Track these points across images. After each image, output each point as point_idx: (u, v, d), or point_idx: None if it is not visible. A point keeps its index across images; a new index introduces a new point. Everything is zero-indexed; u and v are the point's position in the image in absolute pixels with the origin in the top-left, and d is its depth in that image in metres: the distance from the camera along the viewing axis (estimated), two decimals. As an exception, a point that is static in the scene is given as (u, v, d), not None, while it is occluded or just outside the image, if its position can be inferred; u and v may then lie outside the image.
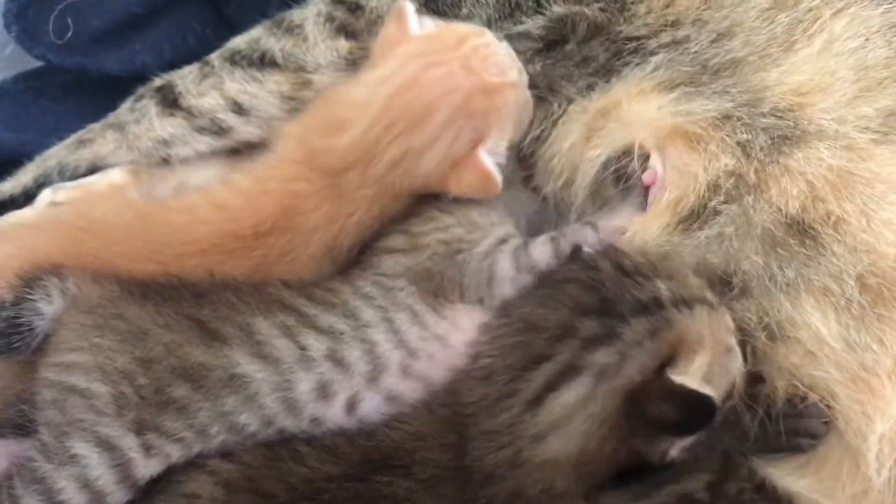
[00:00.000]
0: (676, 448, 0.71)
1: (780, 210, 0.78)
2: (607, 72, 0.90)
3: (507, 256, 0.80)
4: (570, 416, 0.67)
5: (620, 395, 0.66)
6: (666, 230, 0.82)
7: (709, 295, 0.71)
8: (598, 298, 0.69)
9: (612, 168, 0.88)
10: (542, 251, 0.80)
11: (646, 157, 0.85)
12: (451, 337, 0.79)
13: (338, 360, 0.75)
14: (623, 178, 0.87)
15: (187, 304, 0.76)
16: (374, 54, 0.90)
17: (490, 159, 0.84)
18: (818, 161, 0.78)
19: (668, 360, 0.66)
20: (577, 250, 0.77)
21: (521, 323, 0.71)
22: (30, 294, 0.77)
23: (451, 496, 0.69)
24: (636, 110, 0.86)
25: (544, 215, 0.94)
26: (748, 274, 0.77)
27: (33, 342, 0.77)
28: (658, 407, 0.66)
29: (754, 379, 0.75)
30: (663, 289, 0.69)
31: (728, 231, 0.79)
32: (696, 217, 0.81)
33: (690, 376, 0.66)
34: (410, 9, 0.88)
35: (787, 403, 0.74)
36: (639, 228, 0.82)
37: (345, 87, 0.89)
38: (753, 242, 0.78)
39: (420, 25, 0.88)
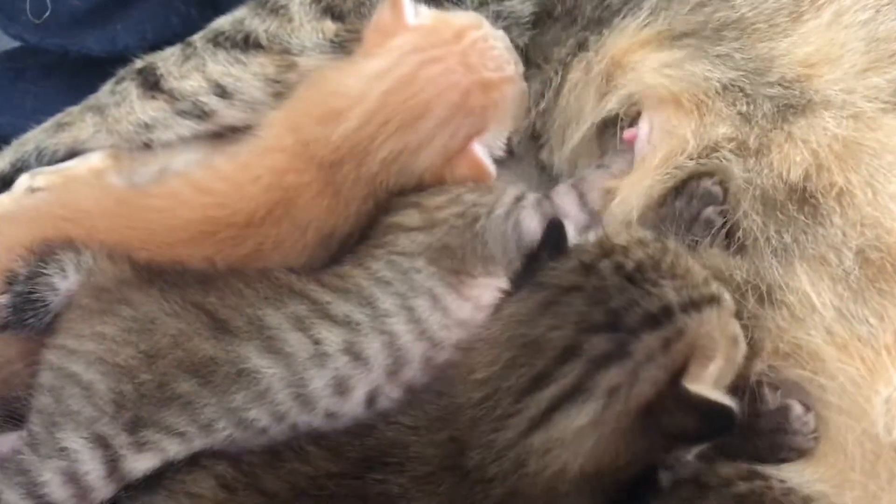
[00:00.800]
0: (693, 452, 0.69)
1: (781, 176, 0.77)
2: (598, 23, 0.88)
3: (531, 213, 0.80)
4: (580, 436, 0.63)
5: (634, 411, 0.63)
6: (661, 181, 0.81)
7: (714, 287, 0.68)
8: (604, 312, 0.65)
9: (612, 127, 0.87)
10: (567, 200, 0.81)
11: (637, 112, 0.85)
12: (476, 319, 0.77)
13: (356, 354, 0.73)
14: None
15: (193, 290, 0.73)
16: (367, 40, 0.89)
17: (483, 150, 0.84)
18: (823, 130, 0.77)
19: (681, 369, 0.63)
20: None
21: (522, 339, 0.67)
22: (44, 268, 0.75)
23: (445, 494, 0.67)
24: (637, 68, 0.85)
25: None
26: (747, 232, 0.77)
27: (46, 318, 0.75)
28: (675, 419, 0.63)
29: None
30: (671, 294, 0.65)
31: (734, 185, 0.78)
32: (698, 164, 0.80)
33: (706, 384, 0.64)
34: None
35: (771, 415, 0.72)
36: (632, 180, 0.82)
37: (337, 74, 0.88)
38: (755, 202, 0.77)
39: (415, 13, 0.88)
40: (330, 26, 0.96)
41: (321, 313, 0.73)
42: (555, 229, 0.71)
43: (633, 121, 0.85)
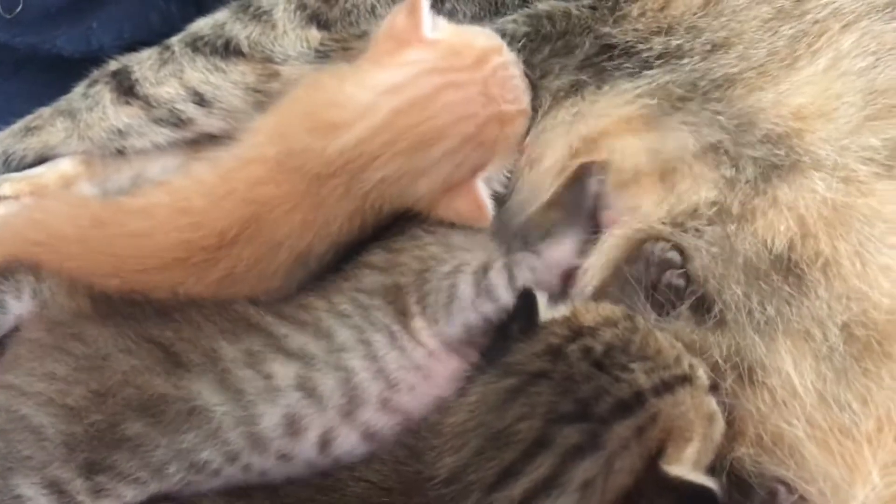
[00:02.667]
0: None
1: (766, 244, 0.75)
2: (598, 72, 0.86)
3: (469, 279, 0.78)
4: None
5: (611, 500, 0.63)
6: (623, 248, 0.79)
7: (686, 365, 0.68)
8: (574, 401, 0.65)
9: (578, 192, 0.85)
10: (497, 276, 0.78)
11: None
12: (432, 367, 0.77)
13: (309, 391, 0.72)
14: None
15: (151, 324, 0.73)
16: (377, 47, 0.85)
17: (485, 189, 0.82)
18: (811, 193, 0.75)
19: (658, 453, 0.64)
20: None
21: (489, 429, 0.66)
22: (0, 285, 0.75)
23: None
24: (615, 141, 0.83)
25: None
26: (727, 304, 0.75)
27: (-8, 336, 0.74)
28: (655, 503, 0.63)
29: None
30: (642, 378, 0.65)
31: (713, 251, 0.77)
32: (672, 230, 0.79)
33: (685, 466, 0.64)
34: (426, 3, 0.84)
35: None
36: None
37: (336, 82, 0.84)
38: (736, 271, 0.75)
39: (434, 26, 0.84)
40: (315, 35, 0.94)
41: (275, 347, 0.73)
42: (526, 300, 0.71)
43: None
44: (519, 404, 0.66)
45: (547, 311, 0.72)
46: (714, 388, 0.71)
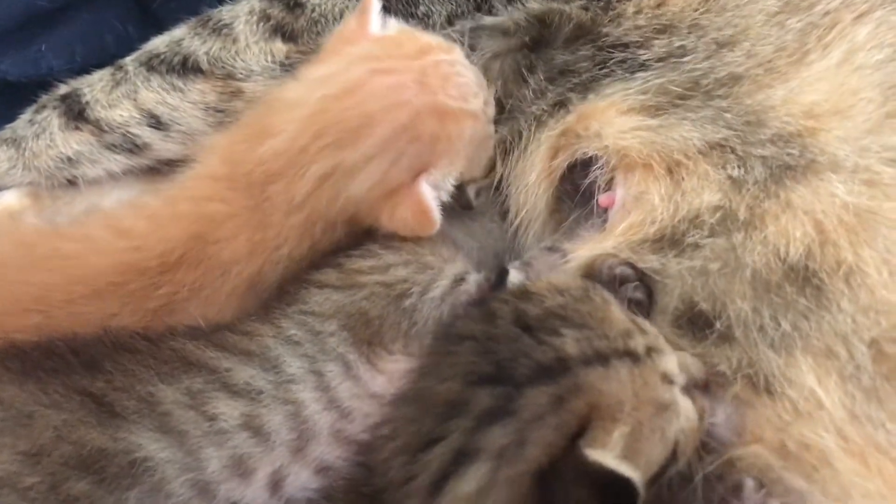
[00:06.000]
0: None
1: (778, 252, 0.71)
2: (584, 88, 0.84)
3: (437, 300, 0.76)
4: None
5: (527, 479, 0.59)
6: (626, 245, 0.77)
7: (633, 343, 0.64)
8: (492, 363, 0.62)
9: (573, 181, 0.84)
10: (471, 289, 0.77)
11: (610, 178, 0.81)
12: (390, 390, 0.73)
13: (255, 429, 0.69)
14: (581, 195, 0.83)
15: (78, 375, 0.69)
16: (326, 49, 0.85)
17: (432, 194, 0.78)
18: (830, 197, 0.72)
19: (581, 431, 0.59)
20: (501, 273, 0.72)
21: (412, 392, 0.66)
22: None
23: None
24: (609, 124, 0.81)
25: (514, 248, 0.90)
26: (733, 319, 0.71)
27: None
28: (570, 490, 0.58)
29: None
30: (570, 344, 0.62)
31: (712, 267, 0.73)
32: (669, 243, 0.76)
33: (608, 451, 0.59)
34: (376, 5, 0.84)
35: None
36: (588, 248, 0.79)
37: (280, 89, 0.84)
38: (742, 285, 0.72)
39: (382, 25, 0.84)
40: (280, 48, 0.91)
41: (219, 384, 0.70)
42: (499, 275, 0.71)
43: (590, 178, 0.82)
44: (444, 366, 0.64)
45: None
46: (703, 386, 0.68)
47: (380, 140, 0.76)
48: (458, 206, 0.83)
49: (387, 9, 0.87)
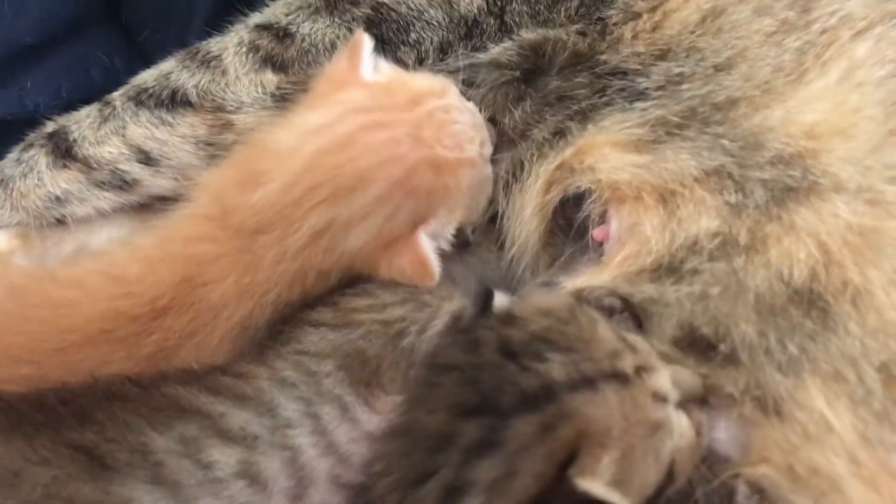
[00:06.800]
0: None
1: (782, 276, 0.71)
2: (583, 117, 0.84)
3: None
4: None
5: None
6: (622, 278, 0.76)
7: (621, 363, 0.63)
8: (477, 393, 0.61)
9: (565, 216, 0.83)
10: None
11: (604, 211, 0.81)
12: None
13: (252, 477, 0.68)
14: (576, 229, 0.83)
15: (68, 428, 0.67)
16: (316, 90, 0.84)
17: (430, 244, 0.78)
18: (833, 217, 0.71)
19: (571, 459, 0.58)
20: (485, 295, 0.70)
21: (401, 425, 0.65)
22: None
23: None
24: (604, 159, 0.80)
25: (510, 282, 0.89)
26: (738, 343, 0.71)
27: None
28: None
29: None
30: (556, 370, 0.61)
31: (712, 291, 0.73)
32: (667, 272, 0.75)
33: (597, 478, 0.58)
34: (368, 45, 0.83)
35: None
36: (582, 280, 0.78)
37: (272, 130, 0.83)
38: (745, 309, 0.71)
39: (374, 68, 0.83)
40: (271, 79, 0.90)
41: (213, 430, 0.68)
42: (483, 298, 0.69)
43: (584, 211, 0.82)
44: (431, 397, 0.63)
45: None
46: (701, 400, 0.66)
47: (375, 196, 0.76)
48: (456, 244, 0.82)
49: (377, 36, 0.86)
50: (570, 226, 0.83)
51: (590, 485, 0.57)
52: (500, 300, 0.72)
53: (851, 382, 0.67)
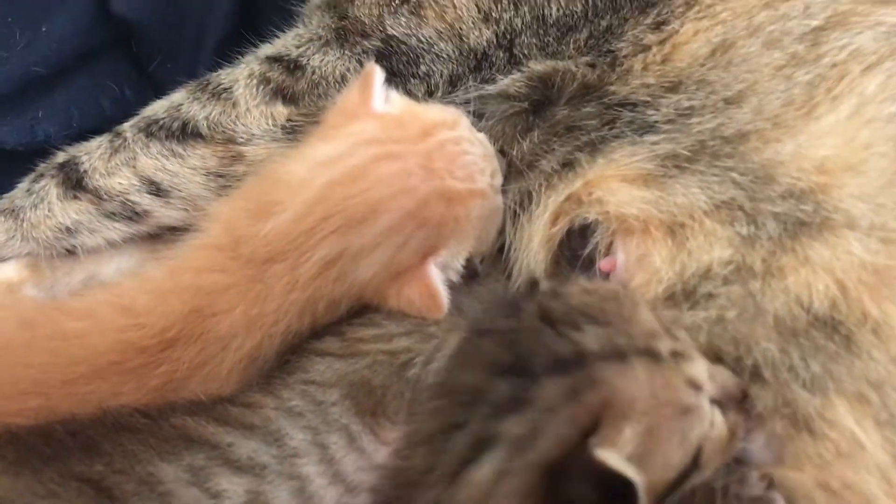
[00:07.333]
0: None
1: (801, 302, 0.71)
2: (593, 148, 0.84)
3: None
4: (487, 494, 0.59)
5: (538, 470, 0.58)
6: None
7: (657, 344, 0.64)
8: (513, 354, 0.63)
9: (571, 247, 0.84)
10: None
11: (610, 243, 0.82)
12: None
13: None
14: (582, 260, 0.83)
15: (76, 461, 0.67)
16: (328, 122, 0.85)
17: (440, 276, 0.79)
18: (847, 255, 0.71)
19: (592, 429, 0.59)
20: (532, 285, 0.71)
21: (437, 385, 0.67)
22: None
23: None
24: (613, 193, 0.81)
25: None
26: (761, 361, 0.71)
27: None
28: (574, 487, 0.57)
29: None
30: (590, 339, 0.62)
31: (730, 315, 0.73)
32: (683, 297, 0.75)
33: (616, 449, 0.59)
34: (379, 77, 0.84)
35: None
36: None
37: (283, 161, 0.84)
38: (765, 329, 0.72)
39: (386, 100, 0.84)
40: (281, 111, 0.91)
41: (221, 459, 0.69)
42: (530, 286, 0.71)
43: (591, 243, 0.83)
44: (469, 356, 0.65)
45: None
46: (739, 402, 0.66)
47: (386, 227, 0.76)
48: (465, 274, 0.82)
49: (387, 69, 0.87)
50: (577, 257, 0.83)
51: (608, 455, 0.57)
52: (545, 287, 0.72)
53: (875, 405, 0.67)
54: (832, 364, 0.69)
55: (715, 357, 0.71)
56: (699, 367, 0.65)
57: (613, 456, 0.57)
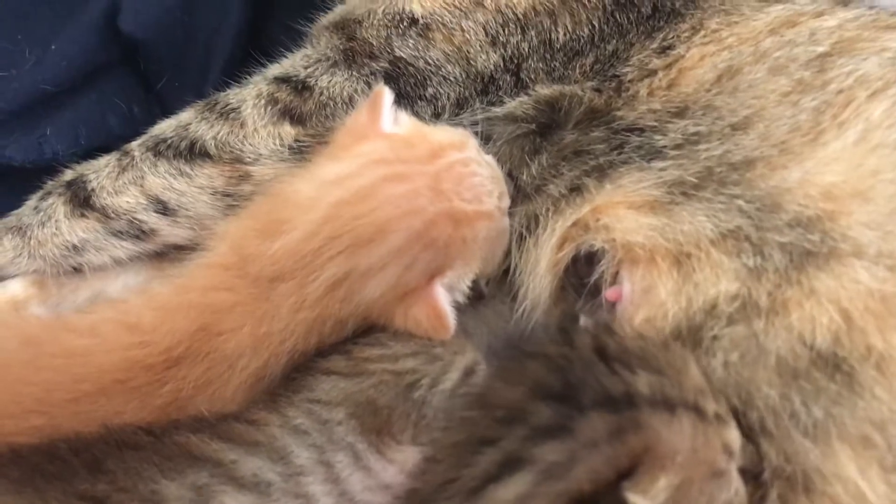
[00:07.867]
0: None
1: (804, 339, 0.71)
2: (601, 174, 0.84)
3: (447, 392, 0.76)
4: None
5: (563, 501, 0.59)
6: None
7: (704, 402, 0.65)
8: (561, 381, 0.63)
9: (577, 274, 0.84)
10: None
11: (616, 272, 0.81)
12: (402, 482, 0.73)
13: None
14: (588, 288, 0.83)
15: (79, 479, 0.67)
16: (337, 142, 0.86)
17: (446, 297, 0.79)
18: (854, 284, 0.71)
19: (629, 472, 0.59)
20: (572, 319, 0.73)
21: (475, 395, 0.68)
22: None
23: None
24: (619, 219, 0.81)
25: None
26: (762, 410, 0.71)
27: None
28: None
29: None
30: (642, 384, 0.62)
31: (732, 358, 0.72)
32: (688, 338, 0.75)
33: (648, 499, 0.59)
34: (388, 98, 0.85)
35: None
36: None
37: (292, 180, 0.84)
38: (766, 372, 0.71)
39: (395, 121, 0.84)
40: (289, 131, 0.91)
41: (225, 477, 0.69)
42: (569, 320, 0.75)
43: (596, 271, 0.82)
44: (514, 373, 0.66)
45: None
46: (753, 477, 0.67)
47: (394, 248, 0.77)
48: (471, 296, 0.83)
49: (395, 90, 0.87)
50: (583, 284, 0.83)
51: (640, 501, 0.58)
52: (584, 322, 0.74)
53: (880, 448, 0.66)
54: (834, 407, 0.68)
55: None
56: (734, 434, 0.66)
57: (646, 501, 0.58)
